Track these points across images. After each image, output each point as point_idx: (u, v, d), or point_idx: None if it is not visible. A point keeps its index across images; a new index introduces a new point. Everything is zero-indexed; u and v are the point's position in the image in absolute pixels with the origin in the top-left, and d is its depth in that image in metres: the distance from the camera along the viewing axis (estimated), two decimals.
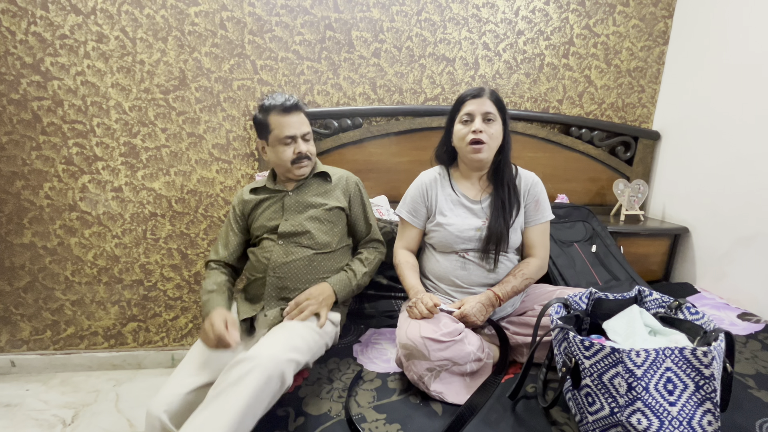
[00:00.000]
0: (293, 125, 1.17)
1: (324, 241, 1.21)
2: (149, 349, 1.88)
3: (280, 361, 0.87)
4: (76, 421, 1.55)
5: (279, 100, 1.17)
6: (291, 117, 1.17)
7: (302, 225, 1.20)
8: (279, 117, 1.16)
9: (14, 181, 1.64)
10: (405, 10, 1.68)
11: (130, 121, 1.64)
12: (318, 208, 1.22)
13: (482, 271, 1.16)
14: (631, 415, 0.76)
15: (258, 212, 1.25)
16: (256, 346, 0.92)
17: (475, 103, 1.12)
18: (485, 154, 1.13)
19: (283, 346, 0.93)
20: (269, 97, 1.19)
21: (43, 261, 1.73)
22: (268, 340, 0.95)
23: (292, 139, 1.17)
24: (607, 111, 1.90)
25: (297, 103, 1.18)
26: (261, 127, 1.20)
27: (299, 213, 1.22)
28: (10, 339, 1.81)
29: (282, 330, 1.02)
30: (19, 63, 1.54)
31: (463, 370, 1.01)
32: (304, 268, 1.19)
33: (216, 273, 1.21)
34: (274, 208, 1.24)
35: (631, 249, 1.69)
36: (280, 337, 0.97)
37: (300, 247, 1.19)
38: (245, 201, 1.26)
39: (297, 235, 1.19)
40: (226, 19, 1.60)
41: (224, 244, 1.26)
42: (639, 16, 1.80)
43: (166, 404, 0.90)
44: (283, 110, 1.16)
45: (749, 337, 1.26)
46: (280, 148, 1.18)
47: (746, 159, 1.49)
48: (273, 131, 1.17)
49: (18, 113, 1.58)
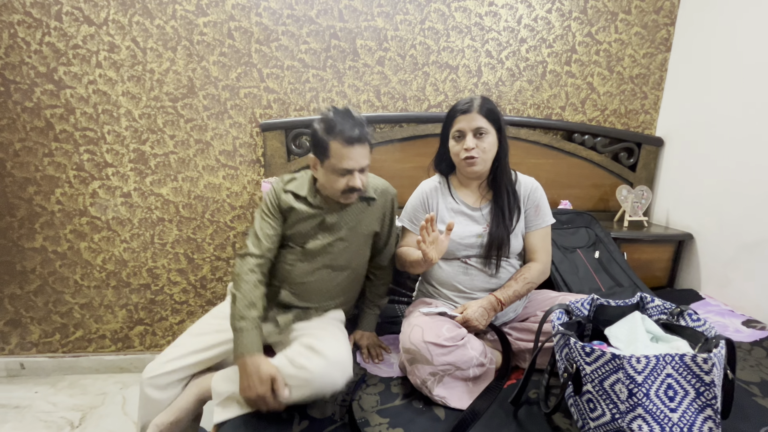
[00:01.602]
0: (354, 159, 1.04)
1: (345, 263, 1.19)
2: (156, 353, 1.90)
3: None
4: (84, 423, 1.57)
5: (345, 126, 1.02)
6: (354, 149, 1.04)
7: (332, 247, 1.15)
8: (341, 147, 1.03)
9: (27, 187, 1.68)
10: (409, 19, 1.71)
11: (139, 128, 1.68)
12: (352, 232, 1.17)
13: (484, 277, 1.17)
14: (633, 421, 0.77)
15: (291, 221, 1.15)
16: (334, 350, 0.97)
17: (465, 120, 1.12)
18: (479, 167, 1.14)
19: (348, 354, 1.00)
20: (336, 113, 1.05)
21: (53, 265, 1.77)
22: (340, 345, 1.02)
23: (349, 172, 1.06)
24: (610, 117, 1.91)
25: (364, 134, 1.05)
26: (319, 146, 1.06)
27: (333, 234, 1.15)
28: (20, 341, 1.84)
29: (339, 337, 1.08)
30: (33, 72, 1.59)
31: (466, 375, 1.02)
32: (320, 285, 1.17)
33: (254, 283, 1.05)
34: (311, 224, 1.14)
35: (634, 255, 1.69)
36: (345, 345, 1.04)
37: (323, 268, 1.16)
38: (282, 198, 1.15)
39: (323, 255, 1.15)
40: (233, 29, 1.64)
41: (264, 233, 1.12)
42: (641, 23, 1.82)
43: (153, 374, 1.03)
44: (347, 141, 1.02)
45: (754, 344, 1.26)
46: (333, 177, 1.07)
47: (750, 165, 1.49)
48: (331, 158, 1.04)
49: (31, 121, 1.63)
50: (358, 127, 1.04)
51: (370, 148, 1.09)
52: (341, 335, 1.10)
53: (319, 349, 0.95)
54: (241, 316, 1.00)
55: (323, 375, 0.92)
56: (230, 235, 1.83)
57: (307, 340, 1.00)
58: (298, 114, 1.75)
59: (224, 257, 1.85)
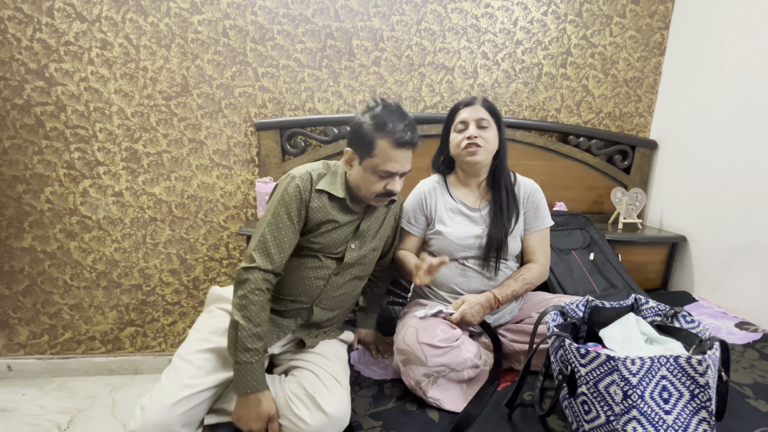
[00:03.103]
0: (399, 162, 0.96)
1: (370, 270, 1.15)
2: (146, 355, 1.88)
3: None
4: (72, 426, 1.54)
5: (398, 127, 0.94)
6: (402, 152, 0.96)
7: (365, 257, 1.08)
8: (389, 148, 0.94)
9: (15, 185, 1.65)
10: (405, 20, 1.71)
11: (132, 126, 1.66)
12: (378, 240, 1.11)
13: (482, 279, 1.17)
14: (627, 423, 0.76)
15: (323, 226, 1.00)
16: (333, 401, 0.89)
17: (468, 111, 1.14)
18: (481, 156, 1.13)
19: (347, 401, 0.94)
20: (387, 110, 0.95)
21: (42, 265, 1.73)
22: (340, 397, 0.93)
23: (391, 175, 0.98)
24: (605, 120, 1.92)
25: (416, 138, 0.97)
26: (363, 141, 0.96)
27: (366, 242, 1.07)
28: (7, 343, 1.80)
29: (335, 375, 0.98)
30: (24, 69, 1.56)
31: (461, 377, 1.01)
32: (347, 297, 1.11)
33: (261, 304, 0.91)
34: (344, 231, 1.03)
35: (628, 257, 1.70)
36: (344, 391, 0.95)
37: (352, 279, 1.08)
38: (315, 199, 0.99)
39: (354, 266, 1.07)
40: (228, 27, 1.63)
41: (278, 245, 0.95)
42: (635, 27, 1.83)
43: (164, 419, 0.83)
44: (398, 143, 0.94)
45: (747, 346, 1.26)
46: (372, 178, 0.97)
47: (743, 168, 1.50)
48: (375, 158, 0.95)
49: (21, 118, 1.60)
50: (410, 129, 0.96)
51: (413, 151, 1.01)
52: (344, 376, 1.00)
53: (323, 403, 0.88)
54: (245, 349, 0.87)
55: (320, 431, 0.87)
56: (224, 236, 1.81)
57: (310, 385, 0.92)
58: (293, 114, 1.74)
59: (217, 258, 1.83)
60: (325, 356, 1.02)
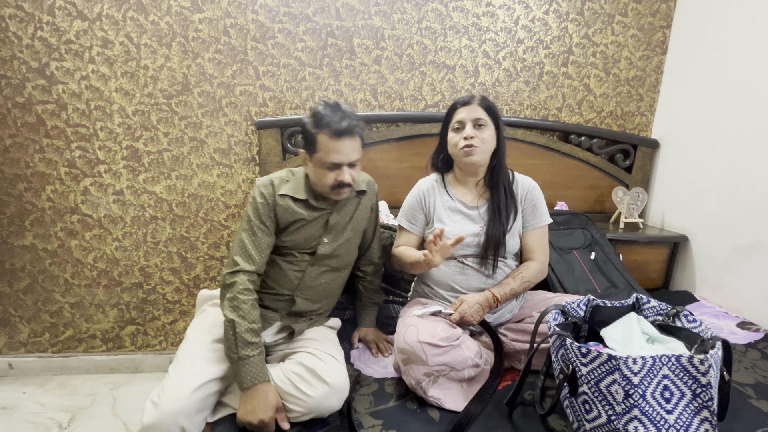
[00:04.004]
0: (342, 152, 1.01)
1: (348, 262, 1.19)
2: (147, 353, 1.88)
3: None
4: (73, 424, 1.54)
5: (333, 119, 1.00)
6: (342, 142, 1.01)
7: (338, 249, 1.14)
8: (328, 140, 1.00)
9: (17, 184, 1.65)
10: (406, 19, 1.71)
11: (133, 125, 1.66)
12: (353, 232, 1.16)
13: (481, 277, 1.16)
14: (629, 423, 0.76)
15: (292, 226, 1.09)
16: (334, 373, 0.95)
17: (466, 111, 1.14)
18: (478, 156, 1.13)
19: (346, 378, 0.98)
20: (325, 106, 1.02)
21: (43, 263, 1.74)
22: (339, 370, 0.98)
23: (337, 166, 1.03)
24: (606, 119, 1.91)
25: (353, 126, 1.02)
26: (308, 140, 1.04)
27: (337, 235, 1.14)
28: (8, 341, 1.80)
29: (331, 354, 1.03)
30: (25, 67, 1.56)
31: (461, 376, 1.00)
32: (329, 288, 1.17)
33: (251, 303, 0.98)
34: (314, 227, 1.10)
35: (630, 257, 1.69)
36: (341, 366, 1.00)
37: (329, 271, 1.15)
38: (279, 203, 1.07)
39: (330, 258, 1.14)
40: (229, 25, 1.62)
41: (257, 247, 1.04)
42: (637, 26, 1.82)
43: (182, 407, 0.86)
44: (335, 134, 1.00)
45: (749, 346, 1.26)
46: (322, 172, 1.04)
47: (745, 167, 1.50)
48: (318, 152, 1.02)
49: (22, 116, 1.60)
50: (346, 120, 1.01)
51: (360, 142, 1.06)
52: (339, 354, 1.06)
53: (323, 374, 0.93)
54: (246, 343, 0.93)
55: (324, 402, 0.91)
56: (224, 234, 1.81)
57: (308, 361, 0.97)
58: (294, 112, 1.73)
59: (218, 256, 1.83)
60: (317, 339, 1.08)
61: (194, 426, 0.88)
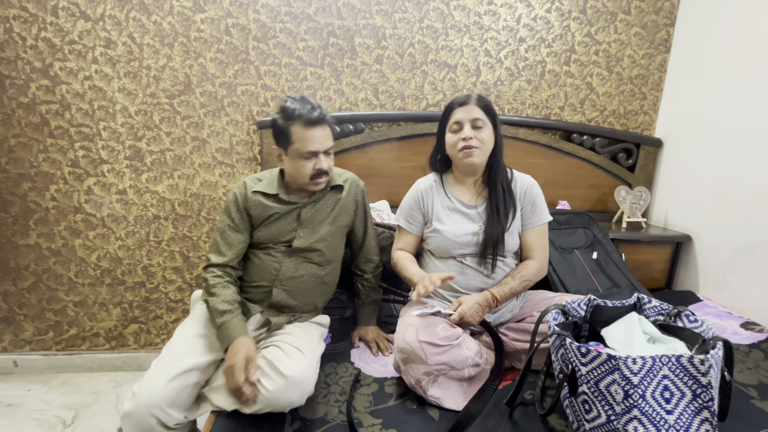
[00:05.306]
0: (316, 140, 1.06)
1: (330, 258, 1.21)
2: (150, 351, 1.89)
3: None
4: (76, 422, 1.56)
5: (304, 110, 1.05)
6: (315, 131, 1.06)
7: (316, 243, 1.16)
8: (302, 130, 1.05)
9: (21, 183, 1.67)
10: (407, 18, 1.70)
11: (135, 125, 1.67)
12: (332, 226, 1.19)
13: (480, 276, 1.16)
14: (628, 423, 0.76)
15: (267, 221, 1.14)
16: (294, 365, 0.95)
17: (463, 111, 1.13)
18: (477, 158, 1.13)
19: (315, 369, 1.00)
20: (292, 101, 1.08)
21: (47, 262, 1.75)
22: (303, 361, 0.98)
23: (314, 154, 1.08)
24: (609, 118, 1.90)
25: (323, 115, 1.08)
26: (281, 135, 1.09)
27: (313, 229, 1.16)
28: (13, 339, 1.82)
29: (302, 349, 1.03)
30: (29, 68, 1.57)
31: (461, 376, 1.00)
32: (310, 282, 1.18)
33: (222, 285, 1.07)
34: (287, 220, 1.15)
35: (633, 256, 1.68)
36: (309, 359, 1.00)
37: (309, 263, 1.17)
38: (251, 200, 1.13)
39: (308, 252, 1.16)
40: (231, 25, 1.63)
41: (227, 243, 1.12)
42: (640, 24, 1.81)
43: (156, 397, 0.89)
44: (307, 123, 1.05)
45: (752, 346, 1.25)
46: (300, 162, 1.08)
47: (749, 167, 1.48)
48: (294, 144, 1.07)
49: (26, 116, 1.61)
50: (317, 110, 1.06)
51: (331, 131, 1.12)
52: (309, 348, 1.04)
53: (281, 366, 0.93)
54: (220, 312, 1.02)
55: (281, 396, 0.90)
56: None
57: (270, 354, 0.97)
58: None
59: None
60: (291, 334, 1.08)
61: (169, 418, 0.90)
